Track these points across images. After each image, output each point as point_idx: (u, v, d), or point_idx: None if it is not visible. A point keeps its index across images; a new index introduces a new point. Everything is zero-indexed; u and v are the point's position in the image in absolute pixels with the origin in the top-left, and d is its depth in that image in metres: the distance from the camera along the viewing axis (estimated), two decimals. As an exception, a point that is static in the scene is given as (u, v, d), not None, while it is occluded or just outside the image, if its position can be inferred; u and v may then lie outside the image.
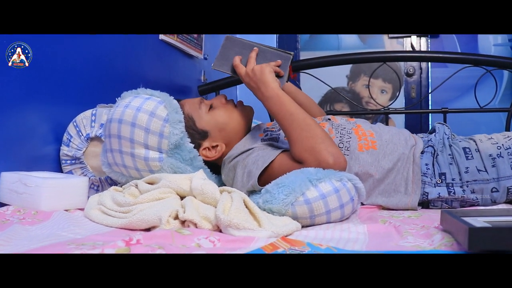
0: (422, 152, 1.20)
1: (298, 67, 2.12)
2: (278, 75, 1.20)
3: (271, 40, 3.07)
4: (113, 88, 1.41)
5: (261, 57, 1.23)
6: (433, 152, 1.20)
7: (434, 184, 1.15)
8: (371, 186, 1.16)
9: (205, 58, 2.23)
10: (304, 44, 3.19)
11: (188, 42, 2.03)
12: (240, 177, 1.10)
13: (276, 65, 1.20)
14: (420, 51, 2.90)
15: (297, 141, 1.07)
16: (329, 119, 1.31)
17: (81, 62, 1.36)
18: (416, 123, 3.07)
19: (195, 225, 0.82)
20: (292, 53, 1.26)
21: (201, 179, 0.93)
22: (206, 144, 1.21)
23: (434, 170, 1.17)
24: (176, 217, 0.84)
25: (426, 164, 1.17)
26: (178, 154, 1.12)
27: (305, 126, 1.07)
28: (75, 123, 1.28)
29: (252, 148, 1.16)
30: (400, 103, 3.01)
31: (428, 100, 3.01)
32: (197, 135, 1.19)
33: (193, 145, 1.16)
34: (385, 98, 3.11)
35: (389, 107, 2.23)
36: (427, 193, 1.15)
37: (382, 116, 3.05)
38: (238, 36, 1.29)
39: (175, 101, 1.15)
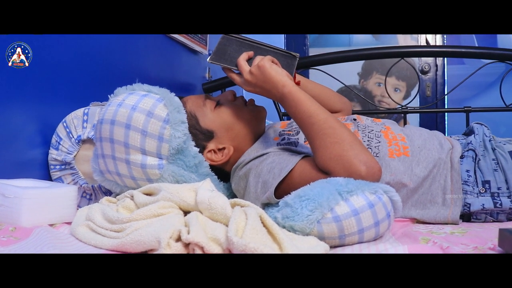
0: (462, 157, 1.04)
1: (309, 63, 1.99)
2: None
3: (278, 37, 2.92)
4: (109, 85, 1.27)
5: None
6: (474, 156, 1.04)
7: (477, 193, 1.00)
8: (404, 197, 1.00)
9: (210, 54, 2.09)
10: (313, 40, 3.05)
11: (192, 37, 1.91)
12: (253, 188, 0.95)
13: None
14: (441, 46, 2.72)
15: (320, 148, 0.91)
16: (355, 119, 1.16)
17: (75, 56, 1.23)
18: (432, 123, 2.91)
19: (202, 248, 0.67)
20: (298, 54, 1.12)
21: (209, 191, 0.78)
22: (211, 146, 1.07)
23: (476, 178, 1.01)
24: (179, 239, 0.69)
25: (467, 171, 1.01)
26: (180, 160, 0.97)
27: (328, 130, 0.91)
28: (65, 124, 1.15)
29: (267, 153, 1.00)
30: (414, 101, 2.87)
31: (444, 98, 2.86)
32: (201, 136, 1.05)
33: (198, 149, 1.01)
34: (399, 96, 2.96)
35: (406, 106, 2.10)
36: (469, 204, 0.99)
37: (395, 115, 2.92)
38: (245, 36, 1.13)
39: (177, 99, 1.00)
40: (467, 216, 1.02)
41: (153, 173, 0.96)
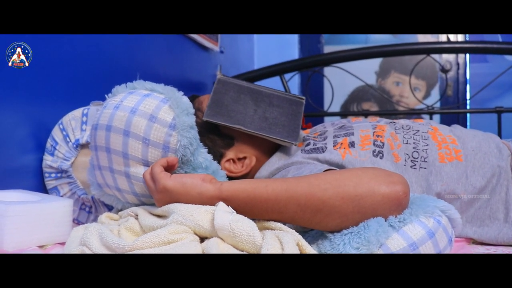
0: None
1: (328, 60, 1.91)
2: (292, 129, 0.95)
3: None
4: (113, 82, 1.18)
5: (266, 103, 0.97)
6: (540, 165, 0.89)
7: None
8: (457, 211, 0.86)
9: (222, 51, 2.04)
10: (328, 38, 2.90)
11: (203, 32, 1.80)
12: None
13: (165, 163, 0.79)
14: (470, 42, 2.53)
15: (321, 224, 0.68)
16: (392, 122, 1.01)
17: (75, 51, 1.13)
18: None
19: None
20: (303, 97, 1.01)
21: (228, 213, 0.63)
22: (230, 154, 0.95)
23: None
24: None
25: None
26: (190, 173, 0.83)
27: (314, 206, 0.67)
28: (61, 126, 1.03)
29: (290, 165, 0.87)
30: (434, 102, 2.74)
31: (466, 99, 2.72)
32: (219, 141, 0.95)
33: (211, 156, 0.87)
34: (418, 96, 2.81)
35: (433, 106, 1.97)
36: None
37: (414, 116, 2.77)
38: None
39: (185, 99, 0.84)
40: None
41: (158, 189, 0.82)
